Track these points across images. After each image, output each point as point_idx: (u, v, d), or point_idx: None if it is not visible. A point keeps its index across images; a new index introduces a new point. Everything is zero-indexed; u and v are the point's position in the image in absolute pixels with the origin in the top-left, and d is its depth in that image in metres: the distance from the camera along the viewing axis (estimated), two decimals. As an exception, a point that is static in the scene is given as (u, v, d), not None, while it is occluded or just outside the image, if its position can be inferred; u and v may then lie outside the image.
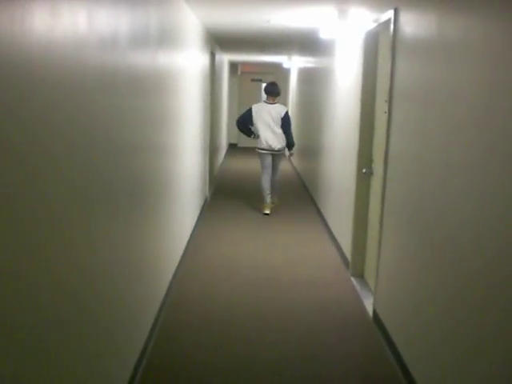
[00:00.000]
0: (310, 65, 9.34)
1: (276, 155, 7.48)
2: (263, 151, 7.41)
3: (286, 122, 7.32)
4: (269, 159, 7.43)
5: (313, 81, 8.82)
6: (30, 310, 1.58)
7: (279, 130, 7.31)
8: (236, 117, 15.47)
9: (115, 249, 2.54)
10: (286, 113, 7.32)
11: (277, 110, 7.32)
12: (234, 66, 15.60)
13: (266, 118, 7.29)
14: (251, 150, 14.28)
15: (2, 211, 1.41)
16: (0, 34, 1.37)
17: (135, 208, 2.96)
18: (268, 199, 7.38)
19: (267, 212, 7.33)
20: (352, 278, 4.89)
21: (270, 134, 7.30)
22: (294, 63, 12.55)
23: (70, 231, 1.91)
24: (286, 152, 7.85)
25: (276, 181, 7.67)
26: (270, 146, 7.33)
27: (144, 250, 3.25)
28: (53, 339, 1.77)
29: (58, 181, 1.78)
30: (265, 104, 7.38)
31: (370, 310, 4.15)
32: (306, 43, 8.59)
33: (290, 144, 7.47)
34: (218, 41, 8.76)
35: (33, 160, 1.58)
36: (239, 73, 15.78)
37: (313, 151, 8.46)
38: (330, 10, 5.14)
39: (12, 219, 1.46)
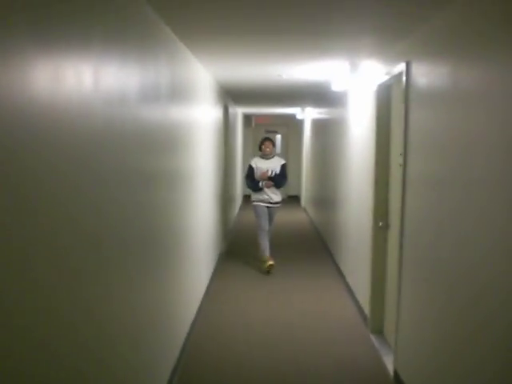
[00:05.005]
0: (323, 116, 9.37)
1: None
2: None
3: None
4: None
5: (326, 132, 8.82)
6: (45, 365, 1.50)
7: None
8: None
9: (130, 306, 2.45)
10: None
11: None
12: (247, 118, 15.74)
13: None
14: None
15: (22, 267, 1.43)
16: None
17: (147, 264, 2.88)
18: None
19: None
20: (371, 335, 4.71)
21: None
22: (307, 114, 12.63)
23: (87, 286, 1.87)
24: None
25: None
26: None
27: (157, 308, 3.15)
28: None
29: (74, 233, 1.74)
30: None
31: (390, 368, 3.96)
32: (318, 95, 8.64)
33: None
34: (231, 94, 8.84)
35: (48, 217, 1.53)
36: (253, 125, 15.91)
37: (328, 202, 8.37)
38: (342, 64, 5.15)
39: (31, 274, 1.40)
